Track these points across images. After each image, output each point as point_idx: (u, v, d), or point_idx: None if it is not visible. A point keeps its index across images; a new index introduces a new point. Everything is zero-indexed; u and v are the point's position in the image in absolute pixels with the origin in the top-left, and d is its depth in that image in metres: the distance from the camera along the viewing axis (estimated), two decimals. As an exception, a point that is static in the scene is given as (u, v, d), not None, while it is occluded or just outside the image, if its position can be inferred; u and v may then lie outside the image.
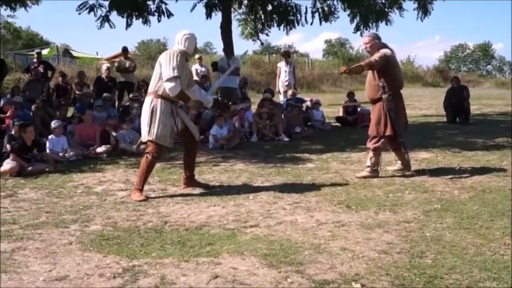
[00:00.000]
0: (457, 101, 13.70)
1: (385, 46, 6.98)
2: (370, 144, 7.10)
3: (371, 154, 7.08)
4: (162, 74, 5.86)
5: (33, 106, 10.18)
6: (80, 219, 5.21)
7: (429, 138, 10.48)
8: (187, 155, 6.56)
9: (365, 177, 6.97)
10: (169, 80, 5.81)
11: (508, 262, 3.88)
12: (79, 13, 13.08)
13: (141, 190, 6.09)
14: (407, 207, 5.49)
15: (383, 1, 14.49)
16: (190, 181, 6.57)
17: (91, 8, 13.08)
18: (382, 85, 6.81)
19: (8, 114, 9.81)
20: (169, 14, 13.68)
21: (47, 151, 8.41)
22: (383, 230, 4.71)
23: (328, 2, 14.39)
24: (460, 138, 10.76)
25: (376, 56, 6.77)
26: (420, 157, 8.40)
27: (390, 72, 6.86)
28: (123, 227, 4.94)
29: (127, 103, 12.13)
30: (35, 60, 13.83)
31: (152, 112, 5.94)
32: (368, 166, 7.09)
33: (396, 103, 6.91)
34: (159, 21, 13.66)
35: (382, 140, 7.00)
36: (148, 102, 6.01)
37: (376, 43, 6.96)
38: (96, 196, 6.22)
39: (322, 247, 4.25)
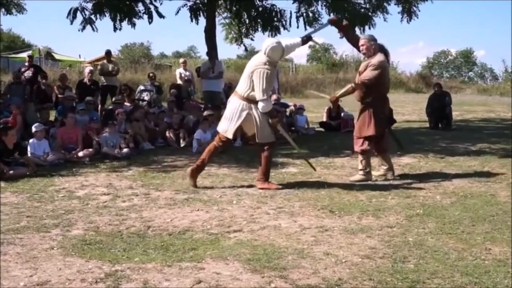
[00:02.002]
0: (439, 107, 13.83)
1: (381, 48, 7.07)
2: (357, 148, 7.20)
3: (360, 157, 7.18)
4: (255, 92, 6.45)
5: (13, 109, 10.06)
6: (61, 223, 5.15)
7: (411, 144, 10.54)
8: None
9: (359, 180, 7.09)
10: (261, 101, 6.44)
11: (489, 266, 3.91)
12: (71, 22, 12.93)
13: (267, 180, 6.70)
14: (390, 212, 5.52)
15: (367, 6, 14.59)
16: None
17: (74, 13, 12.93)
18: (366, 92, 6.97)
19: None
20: (159, 15, 13.55)
21: (29, 154, 8.32)
22: (366, 235, 4.73)
23: (312, 8, 14.44)
24: (442, 143, 10.87)
25: (369, 75, 6.87)
26: (403, 162, 8.45)
27: (380, 82, 6.97)
28: (106, 231, 4.90)
29: (110, 107, 12.04)
30: (26, 63, 13.67)
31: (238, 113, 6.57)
32: (360, 170, 7.19)
33: (382, 106, 7.10)
34: (150, 23, 13.53)
35: (367, 142, 7.09)
36: (240, 105, 6.58)
37: (372, 45, 7.02)
38: (78, 200, 6.16)
39: (306, 252, 4.25)
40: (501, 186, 6.73)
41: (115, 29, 13.08)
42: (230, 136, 6.80)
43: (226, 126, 6.71)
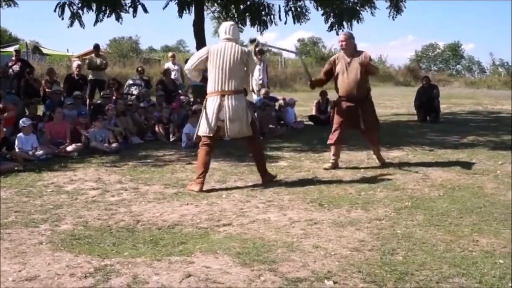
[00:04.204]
0: (427, 100, 13.90)
1: (355, 46, 7.46)
2: (373, 139, 7.70)
3: (374, 149, 7.79)
4: (252, 70, 6.54)
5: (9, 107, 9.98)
6: (50, 218, 5.13)
7: (400, 137, 10.61)
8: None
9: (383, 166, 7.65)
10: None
11: (477, 258, 3.96)
12: (62, 18, 12.88)
13: (267, 172, 6.70)
14: (379, 205, 5.55)
15: (355, 0, 14.60)
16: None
17: (62, 7, 12.86)
18: (369, 86, 7.51)
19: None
20: (145, 10, 13.50)
21: (16, 149, 8.27)
22: (355, 227, 4.76)
23: (300, 3, 14.44)
24: (430, 136, 10.93)
25: (366, 55, 7.32)
26: (392, 156, 8.49)
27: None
28: (95, 226, 4.89)
29: (99, 101, 11.98)
30: (13, 57, 13.55)
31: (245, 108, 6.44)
32: (379, 160, 7.77)
33: None
34: (134, 16, 13.47)
35: (377, 133, 7.71)
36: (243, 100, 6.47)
37: (351, 42, 7.37)
38: (67, 195, 6.14)
39: (295, 245, 4.27)
40: (488, 178, 6.79)
41: (96, 22, 13.00)
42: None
43: (241, 126, 6.54)
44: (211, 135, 6.41)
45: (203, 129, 6.44)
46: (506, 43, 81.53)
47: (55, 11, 12.84)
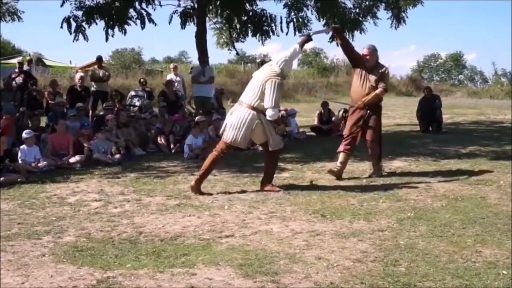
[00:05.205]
0: (429, 110, 13.90)
1: (378, 58, 7.68)
2: (371, 149, 7.66)
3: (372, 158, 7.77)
4: (265, 99, 6.53)
5: (4, 116, 10.03)
6: (53, 230, 5.14)
7: (402, 147, 10.60)
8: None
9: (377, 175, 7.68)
10: (270, 109, 6.54)
11: (480, 269, 3.94)
12: (70, 32, 13.01)
13: (271, 182, 6.90)
14: (381, 215, 5.55)
15: (357, 11, 14.67)
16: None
17: (68, 21, 12.95)
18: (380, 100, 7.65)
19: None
20: (150, 20, 13.58)
21: (19, 161, 8.29)
22: (357, 239, 4.75)
23: (302, 14, 14.50)
24: (433, 146, 10.92)
25: (385, 81, 7.57)
26: (394, 166, 8.49)
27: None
28: (97, 238, 4.89)
29: (101, 113, 12.02)
30: (16, 70, 13.62)
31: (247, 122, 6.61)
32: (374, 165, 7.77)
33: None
34: (142, 28, 13.56)
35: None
36: (248, 114, 6.62)
37: (375, 55, 7.61)
38: (70, 207, 6.14)
39: (297, 257, 4.27)
40: (491, 189, 6.77)
41: (107, 37, 13.12)
42: (242, 145, 6.90)
43: (234, 135, 6.67)
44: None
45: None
46: (508, 53, 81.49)
47: (61, 27, 12.95)
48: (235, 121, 6.68)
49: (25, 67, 14.21)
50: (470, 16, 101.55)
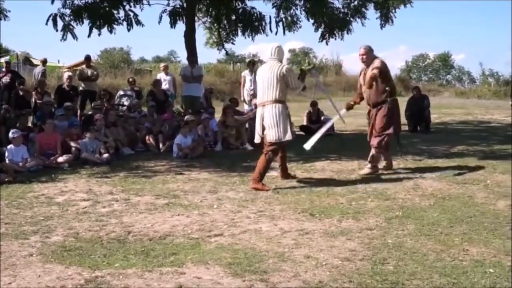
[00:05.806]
0: (418, 110, 13.97)
1: (375, 57, 7.74)
2: (374, 142, 7.77)
3: (374, 151, 7.81)
4: (293, 83, 7.03)
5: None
6: (40, 230, 5.11)
7: (391, 146, 10.61)
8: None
9: (367, 174, 7.78)
10: (297, 88, 7.26)
11: (467, 267, 3.98)
12: (56, 29, 12.92)
13: (261, 181, 6.91)
14: (370, 214, 5.57)
15: (346, 11, 14.69)
16: (284, 173, 7.50)
17: (54, 19, 12.87)
18: (389, 90, 7.65)
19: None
20: (138, 22, 13.55)
21: (6, 161, 8.23)
22: (346, 237, 4.77)
23: (291, 12, 14.51)
24: (421, 146, 10.97)
25: (376, 65, 7.54)
26: (383, 165, 8.50)
27: (390, 77, 7.90)
28: (85, 237, 4.88)
29: (90, 112, 11.96)
30: (3, 69, 13.51)
31: (280, 115, 6.93)
32: (369, 162, 7.88)
33: (397, 106, 7.83)
34: (128, 30, 13.53)
35: (386, 139, 7.75)
36: (276, 108, 6.93)
37: (371, 54, 7.73)
38: (58, 206, 6.11)
39: (286, 255, 4.28)
40: (479, 188, 6.82)
41: (90, 33, 13.05)
42: (288, 138, 7.07)
43: (276, 132, 6.93)
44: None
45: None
46: (495, 54, 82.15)
47: (46, 24, 12.86)
48: (269, 120, 6.94)
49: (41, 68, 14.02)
50: (459, 17, 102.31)
